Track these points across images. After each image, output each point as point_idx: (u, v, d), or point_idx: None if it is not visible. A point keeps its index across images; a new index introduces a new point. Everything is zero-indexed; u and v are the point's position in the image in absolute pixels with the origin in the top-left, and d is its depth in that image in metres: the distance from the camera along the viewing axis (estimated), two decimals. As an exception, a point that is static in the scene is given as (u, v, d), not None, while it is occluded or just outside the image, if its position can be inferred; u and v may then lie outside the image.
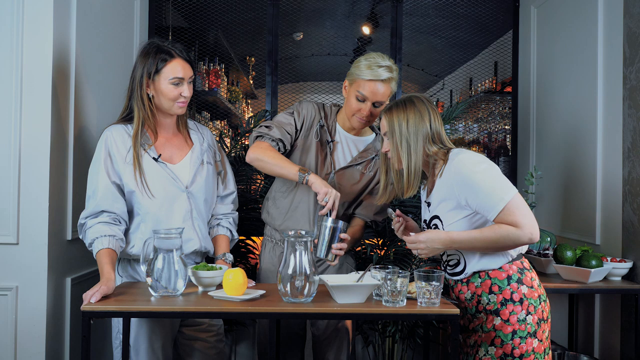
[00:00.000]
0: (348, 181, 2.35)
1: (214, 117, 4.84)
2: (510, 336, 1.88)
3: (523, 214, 1.81)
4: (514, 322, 1.88)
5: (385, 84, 2.19)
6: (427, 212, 2.06)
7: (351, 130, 2.36)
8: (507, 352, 1.88)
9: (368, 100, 2.20)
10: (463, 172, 1.85)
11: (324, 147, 2.34)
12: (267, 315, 1.81)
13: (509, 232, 1.81)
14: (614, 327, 2.70)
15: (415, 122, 1.94)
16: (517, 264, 1.94)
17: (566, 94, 3.11)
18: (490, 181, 1.83)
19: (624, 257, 2.63)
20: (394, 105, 1.99)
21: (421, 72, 6.06)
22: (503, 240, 1.82)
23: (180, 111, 2.15)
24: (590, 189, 2.85)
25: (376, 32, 5.31)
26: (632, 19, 2.59)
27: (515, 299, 1.89)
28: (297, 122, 2.32)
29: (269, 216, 2.41)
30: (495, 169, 1.88)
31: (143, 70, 2.08)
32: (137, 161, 2.07)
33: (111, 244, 2.00)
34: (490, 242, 1.84)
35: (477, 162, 1.87)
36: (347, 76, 2.27)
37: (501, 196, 1.81)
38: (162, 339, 2.11)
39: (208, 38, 4.29)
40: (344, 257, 2.45)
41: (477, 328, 1.93)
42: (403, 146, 1.94)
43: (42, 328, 2.15)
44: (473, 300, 1.95)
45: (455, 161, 1.88)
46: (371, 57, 2.21)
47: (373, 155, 2.38)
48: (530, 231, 1.80)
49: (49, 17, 2.17)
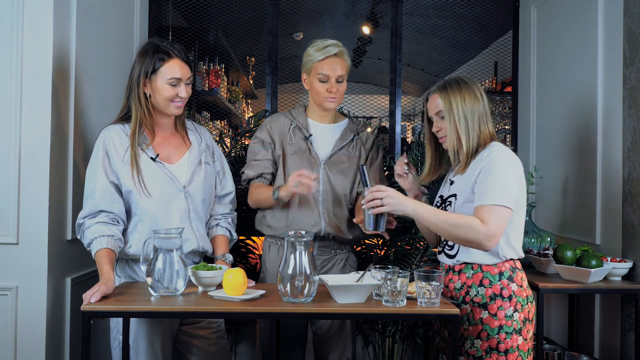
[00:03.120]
0: (338, 168, 2.40)
1: (214, 117, 4.84)
2: (496, 330, 1.90)
3: (499, 219, 1.83)
4: (501, 317, 1.90)
5: (338, 57, 2.32)
6: (446, 189, 2.06)
7: (324, 119, 2.45)
8: (492, 345, 1.90)
9: (331, 77, 2.31)
10: (493, 158, 1.89)
11: (303, 145, 2.40)
12: (267, 315, 1.81)
13: (473, 223, 1.82)
14: (614, 327, 2.70)
15: (472, 100, 1.95)
16: (510, 263, 1.96)
17: (566, 94, 3.11)
18: (502, 180, 1.87)
19: (624, 257, 2.63)
20: (447, 85, 1.98)
21: (421, 72, 6.06)
22: (463, 228, 1.83)
23: (176, 111, 2.14)
24: (590, 188, 2.85)
25: (376, 32, 5.31)
26: (632, 19, 2.59)
27: (505, 295, 1.92)
28: (265, 143, 2.42)
29: (271, 229, 2.42)
30: (516, 178, 1.90)
31: (141, 70, 2.08)
32: (134, 160, 2.07)
33: (110, 244, 2.00)
34: (450, 225, 1.85)
35: (509, 160, 1.91)
36: (302, 69, 2.39)
37: (499, 197, 1.84)
38: (161, 338, 2.11)
39: (208, 38, 4.29)
40: (347, 255, 2.47)
41: (462, 320, 1.95)
42: (462, 124, 1.93)
43: (42, 328, 2.15)
44: (462, 290, 1.97)
45: (494, 148, 1.92)
46: (315, 43, 2.35)
47: (352, 136, 2.45)
48: (491, 235, 1.82)
49: (49, 17, 2.17)
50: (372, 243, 3.15)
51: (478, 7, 3.97)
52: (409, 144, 4.72)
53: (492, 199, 1.84)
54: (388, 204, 1.87)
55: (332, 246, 2.42)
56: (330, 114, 2.45)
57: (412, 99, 7.24)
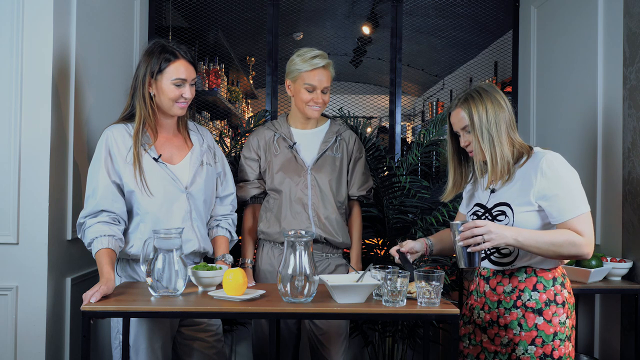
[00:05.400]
0: (324, 172, 2.44)
1: (214, 117, 4.84)
2: (551, 337, 1.87)
3: (590, 225, 1.84)
4: (556, 323, 1.88)
5: (325, 70, 2.39)
6: (484, 197, 2.00)
7: (306, 125, 2.49)
8: (547, 352, 1.87)
9: (317, 88, 2.37)
10: (557, 167, 1.84)
11: (289, 154, 2.45)
12: (267, 315, 1.81)
13: (575, 238, 1.81)
14: (614, 327, 2.70)
15: (495, 110, 1.89)
16: (561, 269, 1.95)
17: (566, 94, 3.11)
18: (578, 187, 1.86)
19: (624, 257, 2.63)
20: (468, 97, 1.92)
21: (421, 72, 6.06)
22: (567, 245, 1.81)
23: (180, 112, 2.15)
24: (590, 188, 2.85)
25: (376, 32, 5.31)
26: (632, 19, 2.59)
27: (559, 301, 1.89)
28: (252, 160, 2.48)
29: (264, 234, 2.46)
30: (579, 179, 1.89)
31: (146, 69, 2.09)
32: (137, 160, 2.07)
33: (110, 243, 2.00)
34: (554, 245, 1.80)
35: (567, 164, 1.88)
36: (287, 76, 2.45)
37: (582, 204, 1.84)
38: (161, 338, 2.11)
39: (208, 38, 4.29)
40: (340, 261, 2.49)
41: (512, 325, 1.91)
42: (485, 137, 1.88)
43: (42, 328, 2.15)
44: (513, 294, 1.92)
45: (548, 155, 1.86)
46: (302, 52, 2.41)
47: (335, 137, 2.50)
48: (591, 243, 1.83)
49: (49, 17, 2.17)
50: (372, 243, 3.15)
51: (478, 7, 3.97)
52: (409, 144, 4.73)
53: (577, 209, 1.83)
54: (490, 239, 1.78)
55: (323, 249, 2.44)
56: (312, 120, 2.49)
57: (412, 99, 7.25)
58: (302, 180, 2.41)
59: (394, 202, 3.08)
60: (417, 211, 3.08)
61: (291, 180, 2.40)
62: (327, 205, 2.42)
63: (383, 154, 3.20)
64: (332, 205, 2.43)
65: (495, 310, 1.95)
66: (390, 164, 3.17)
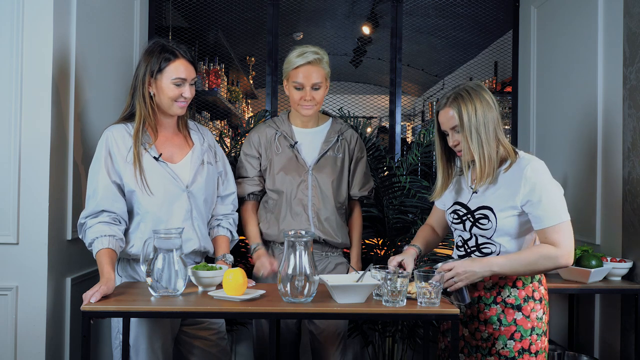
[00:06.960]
0: (325, 172, 2.41)
1: (214, 117, 4.85)
2: (529, 332, 1.93)
3: (568, 237, 1.86)
4: (534, 318, 1.94)
5: (314, 65, 2.30)
6: (465, 197, 2.02)
7: (307, 124, 2.46)
8: (525, 347, 1.92)
9: (305, 85, 2.30)
10: (540, 177, 1.88)
11: (290, 153, 2.42)
12: (267, 315, 1.81)
13: (548, 252, 1.84)
14: (614, 327, 2.70)
15: (484, 109, 1.89)
16: None
17: (566, 94, 3.11)
18: (558, 197, 1.89)
19: (624, 257, 2.63)
20: (458, 96, 1.90)
21: (421, 72, 6.06)
22: (542, 260, 1.85)
23: (179, 112, 2.15)
24: (590, 188, 2.85)
25: (376, 32, 5.31)
26: (632, 19, 2.59)
27: (536, 297, 1.95)
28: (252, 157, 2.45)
29: (264, 235, 2.45)
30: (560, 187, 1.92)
31: (146, 69, 2.09)
32: (137, 159, 2.07)
33: (111, 243, 2.00)
34: (529, 264, 1.85)
35: (548, 174, 1.91)
36: (283, 77, 2.39)
37: (561, 214, 1.86)
38: (162, 338, 2.11)
39: (208, 38, 4.29)
40: (340, 260, 2.48)
41: (491, 320, 1.95)
42: (473, 137, 1.88)
43: (42, 328, 2.15)
44: (493, 290, 1.96)
45: (533, 163, 1.89)
46: (297, 48, 2.36)
47: (336, 137, 2.46)
48: (568, 253, 1.85)
49: (49, 17, 2.16)
50: (372, 243, 3.15)
51: (478, 7, 3.98)
52: (409, 144, 4.73)
53: (558, 217, 1.85)
54: (460, 280, 1.85)
55: (322, 249, 2.44)
56: (312, 118, 2.45)
57: (412, 99, 7.25)
58: (303, 180, 2.39)
59: (394, 202, 3.08)
60: (417, 211, 3.08)
61: (292, 181, 2.39)
62: (327, 206, 2.40)
63: (383, 154, 3.20)
64: (332, 206, 2.41)
65: (475, 306, 1.99)
66: (390, 164, 3.17)
